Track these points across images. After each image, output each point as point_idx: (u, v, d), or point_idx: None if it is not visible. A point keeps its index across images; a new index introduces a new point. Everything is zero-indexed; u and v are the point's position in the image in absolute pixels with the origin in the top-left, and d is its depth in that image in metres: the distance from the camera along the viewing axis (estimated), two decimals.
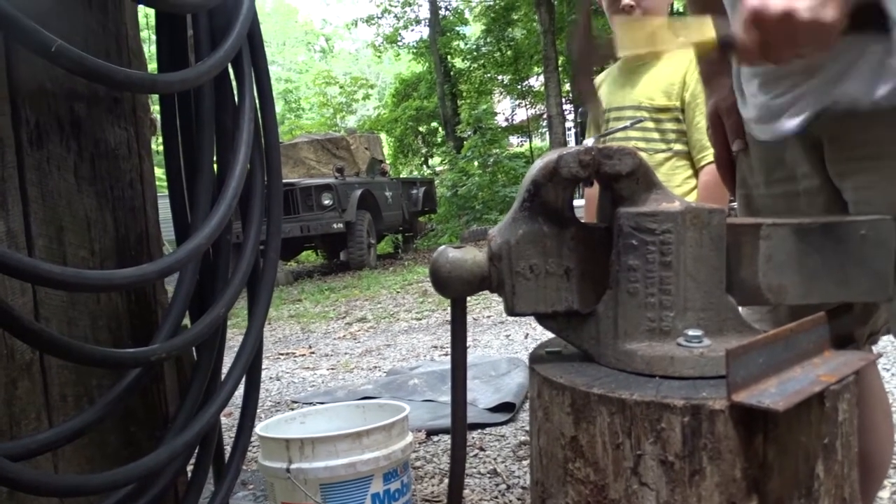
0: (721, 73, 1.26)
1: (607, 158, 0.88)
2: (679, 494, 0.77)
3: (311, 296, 8.73)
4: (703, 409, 0.75)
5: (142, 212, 1.33)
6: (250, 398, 1.35)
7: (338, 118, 28.66)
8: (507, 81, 22.15)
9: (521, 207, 0.92)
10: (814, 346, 0.86)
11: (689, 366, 0.84)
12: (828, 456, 0.79)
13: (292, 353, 5.35)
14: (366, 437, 1.67)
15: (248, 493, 2.58)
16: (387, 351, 5.03)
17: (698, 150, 2.14)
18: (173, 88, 1.14)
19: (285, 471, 1.66)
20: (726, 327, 0.90)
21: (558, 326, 0.94)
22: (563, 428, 0.86)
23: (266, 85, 1.27)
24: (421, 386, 3.67)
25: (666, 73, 2.18)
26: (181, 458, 1.23)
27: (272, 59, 42.60)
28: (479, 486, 2.39)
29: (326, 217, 10.40)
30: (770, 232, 0.87)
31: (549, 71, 14.68)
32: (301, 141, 13.03)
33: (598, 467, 0.82)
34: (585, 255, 0.92)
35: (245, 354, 1.26)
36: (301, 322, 6.84)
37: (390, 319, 6.38)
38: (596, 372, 0.89)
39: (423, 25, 22.45)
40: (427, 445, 2.90)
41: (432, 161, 24.50)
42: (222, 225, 1.11)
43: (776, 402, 0.71)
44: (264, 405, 3.90)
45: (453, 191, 13.21)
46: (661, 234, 0.87)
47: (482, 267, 0.92)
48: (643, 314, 0.89)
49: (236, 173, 1.14)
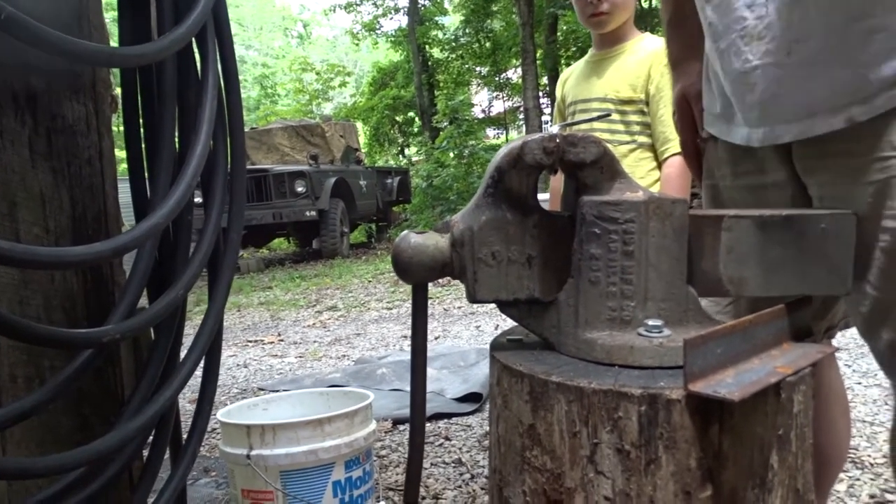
0: (690, 58, 1.26)
1: (571, 146, 0.88)
2: (634, 483, 0.77)
3: (281, 283, 8.67)
4: (659, 399, 0.75)
5: (100, 190, 1.29)
6: (209, 381, 1.33)
7: (314, 105, 28.45)
8: (484, 73, 22.14)
9: (484, 194, 0.91)
10: (772, 337, 0.86)
11: (648, 355, 0.84)
12: (782, 447, 0.79)
13: (261, 340, 5.31)
14: (328, 424, 1.66)
15: (211, 480, 2.55)
16: (356, 340, 5.01)
17: (661, 142, 2.16)
18: (132, 62, 1.10)
19: (245, 457, 1.65)
20: (687, 318, 0.90)
21: (519, 314, 0.94)
22: (522, 416, 0.85)
23: (231, 62, 1.24)
24: (389, 375, 3.66)
25: (631, 66, 2.20)
26: (135, 442, 1.20)
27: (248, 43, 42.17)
28: (444, 476, 2.38)
29: (299, 204, 10.33)
30: (732, 224, 0.87)
31: (527, 63, 14.69)
32: (275, 127, 12.91)
33: (555, 455, 0.82)
34: (548, 243, 0.91)
35: (204, 336, 1.24)
36: (271, 309, 6.79)
37: (361, 308, 6.36)
38: (556, 360, 0.89)
39: (401, 14, 22.35)
40: (393, 434, 2.89)
41: (408, 151, 24.44)
42: (182, 204, 1.09)
43: (732, 393, 0.70)
44: (230, 392, 3.86)
45: (428, 181, 13.17)
46: (623, 224, 0.87)
47: (444, 253, 0.91)
48: (604, 303, 0.88)
49: (197, 151, 1.11)
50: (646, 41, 2.25)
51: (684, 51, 1.31)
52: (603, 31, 2.24)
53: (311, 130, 12.36)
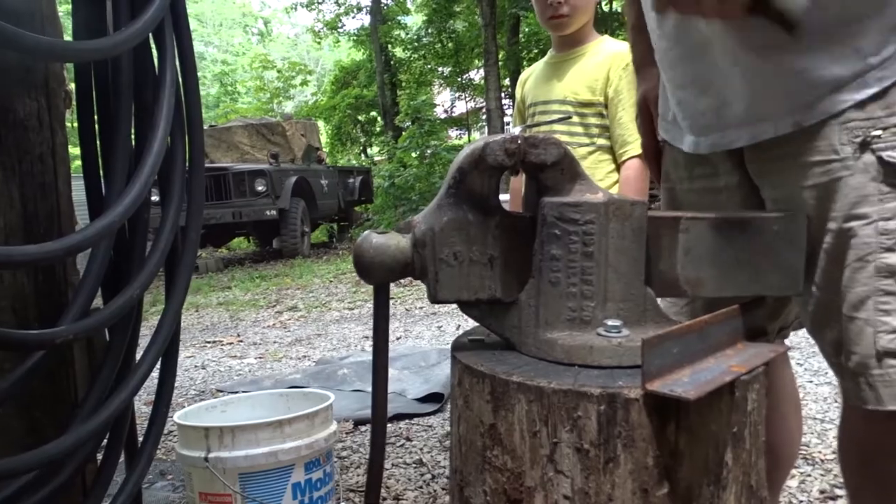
0: (653, 63, 1.28)
1: (533, 148, 0.88)
2: (593, 482, 0.78)
3: (241, 283, 8.56)
4: (618, 398, 0.76)
5: (53, 187, 1.26)
6: (166, 383, 1.30)
7: (274, 103, 28.13)
8: (447, 73, 22.13)
9: (446, 194, 0.91)
10: (727, 337, 0.88)
11: (607, 355, 0.85)
12: (736, 444, 0.81)
13: (220, 341, 5.23)
14: (288, 425, 1.64)
15: (168, 484, 2.51)
16: (317, 340, 4.97)
17: (620, 145, 2.19)
18: (86, 57, 1.08)
19: (203, 460, 1.62)
20: (645, 318, 0.91)
21: (481, 314, 0.94)
22: (483, 416, 0.86)
23: (189, 58, 1.22)
24: (350, 376, 3.64)
25: (590, 69, 2.22)
26: (89, 446, 1.17)
27: (208, 40, 41.52)
28: (405, 476, 2.38)
29: (259, 203, 10.21)
30: (689, 225, 0.89)
31: (490, 65, 14.74)
32: (235, 125, 12.74)
33: (516, 455, 0.82)
34: (510, 243, 0.92)
35: (161, 337, 1.21)
36: (230, 310, 6.70)
37: (322, 309, 6.31)
38: (517, 360, 0.89)
39: (364, 13, 22.23)
40: (354, 435, 2.88)
41: (370, 150, 24.34)
42: (138, 202, 1.07)
43: (688, 391, 0.72)
44: (188, 394, 3.80)
45: (390, 181, 13.13)
46: (583, 225, 0.88)
47: (406, 253, 0.91)
48: (564, 304, 0.89)
49: (154, 149, 1.09)
50: (605, 44, 2.27)
51: (647, 55, 1.33)
52: (562, 34, 2.26)
53: (272, 129, 12.23)
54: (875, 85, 0.96)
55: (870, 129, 0.97)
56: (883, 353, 0.97)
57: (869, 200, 0.97)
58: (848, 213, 0.98)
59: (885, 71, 0.96)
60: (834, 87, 0.98)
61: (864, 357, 0.99)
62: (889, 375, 0.97)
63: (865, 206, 0.97)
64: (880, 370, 0.97)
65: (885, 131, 0.96)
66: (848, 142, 0.98)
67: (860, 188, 0.97)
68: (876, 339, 0.97)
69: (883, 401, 0.98)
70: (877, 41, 0.96)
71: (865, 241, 0.97)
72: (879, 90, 0.96)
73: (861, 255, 0.98)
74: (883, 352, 0.97)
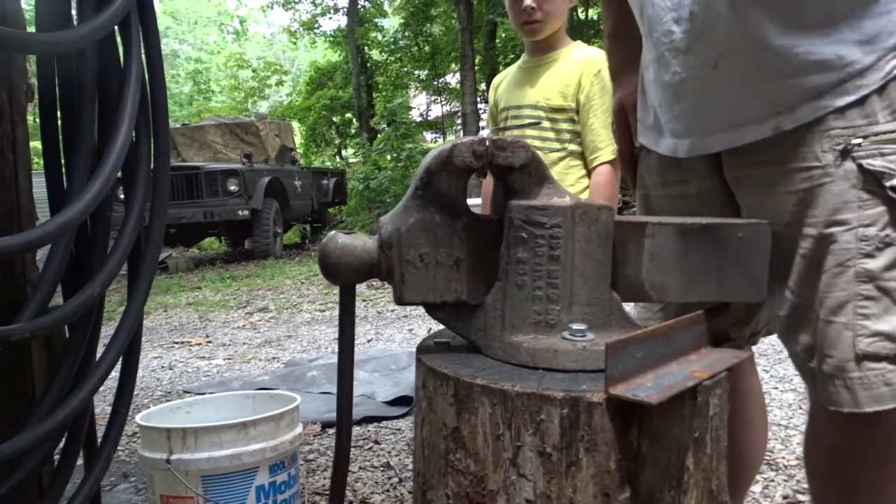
0: (630, 70, 1.29)
1: (501, 150, 0.88)
2: (555, 485, 0.78)
3: (211, 283, 8.46)
4: (581, 402, 0.76)
5: (13, 181, 1.23)
6: (126, 383, 1.28)
7: (249, 103, 27.93)
8: (423, 77, 22.17)
9: (413, 196, 0.90)
10: (691, 343, 0.88)
11: (571, 359, 0.85)
12: (698, 449, 0.81)
13: (188, 341, 5.17)
14: (252, 427, 1.62)
15: (130, 486, 2.47)
16: (287, 342, 4.93)
17: (591, 150, 2.20)
18: (48, 50, 1.05)
19: (165, 461, 1.60)
20: (611, 322, 0.91)
21: (447, 317, 0.93)
22: (446, 419, 0.85)
23: (156, 53, 1.20)
24: (319, 378, 3.61)
25: (563, 75, 2.24)
26: (46, 446, 1.14)
27: (182, 37, 41.08)
28: (372, 480, 2.37)
29: (231, 203, 10.12)
30: (655, 230, 0.89)
31: (466, 69, 14.79)
32: (208, 124, 12.61)
33: (479, 458, 0.82)
34: (476, 246, 0.92)
35: (122, 336, 1.19)
36: (199, 310, 6.62)
37: (293, 310, 6.26)
38: (481, 363, 0.89)
39: (341, 14, 22.17)
40: (322, 438, 2.85)
41: (345, 152, 24.25)
42: (100, 198, 1.04)
43: (650, 396, 0.72)
44: (154, 395, 3.75)
45: (365, 183, 13.10)
46: (550, 228, 0.87)
47: (372, 254, 0.90)
48: (530, 307, 0.89)
49: (118, 144, 1.07)
50: (577, 50, 2.29)
51: (624, 63, 1.34)
52: (535, 39, 2.27)
53: (246, 128, 12.13)
54: (854, 93, 0.98)
55: (850, 138, 0.98)
56: (862, 356, 0.99)
57: (849, 207, 0.99)
58: (828, 219, 1.00)
59: (864, 79, 0.98)
60: (815, 93, 1.00)
61: (842, 360, 1.00)
62: (868, 378, 0.99)
63: (846, 213, 0.99)
64: (860, 372, 0.99)
65: (865, 140, 0.98)
66: (829, 150, 1.00)
67: (841, 195, 0.99)
68: (855, 343, 0.99)
69: (861, 403, 0.99)
70: (856, 50, 0.97)
71: (845, 247, 0.99)
72: (859, 98, 0.98)
73: (841, 260, 0.99)
74: (862, 355, 0.99)
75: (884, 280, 0.98)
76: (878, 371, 0.98)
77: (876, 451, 1.04)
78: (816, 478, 1.14)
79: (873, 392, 0.98)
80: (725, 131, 1.08)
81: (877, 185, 0.97)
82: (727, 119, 1.07)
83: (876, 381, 0.98)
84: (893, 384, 0.98)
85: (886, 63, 0.96)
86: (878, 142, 0.97)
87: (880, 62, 0.96)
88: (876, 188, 0.97)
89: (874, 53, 0.96)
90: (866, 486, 1.05)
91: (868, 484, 1.05)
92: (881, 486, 1.04)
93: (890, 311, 0.98)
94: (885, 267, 0.97)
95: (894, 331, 0.97)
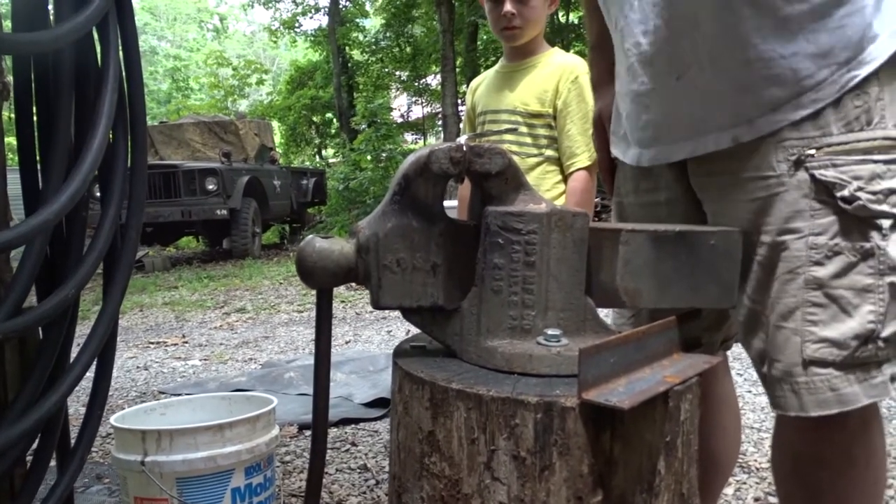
0: (610, 81, 1.30)
1: (478, 157, 0.89)
2: (529, 489, 0.79)
3: (188, 283, 8.39)
4: (555, 406, 0.77)
5: None
6: (100, 385, 1.27)
7: (229, 101, 27.73)
8: (404, 78, 22.15)
9: (391, 201, 0.91)
10: (663, 348, 0.90)
11: (546, 364, 0.86)
12: (669, 453, 0.83)
13: (164, 342, 5.12)
14: (228, 429, 1.61)
15: (104, 488, 2.44)
16: (265, 343, 4.90)
17: (567, 156, 2.22)
18: (23, 50, 1.04)
19: (139, 463, 1.58)
20: (585, 328, 0.92)
21: (423, 321, 0.94)
22: (422, 422, 0.86)
23: (134, 51, 1.19)
24: (297, 379, 3.60)
25: (540, 80, 2.25)
26: (18, 448, 1.13)
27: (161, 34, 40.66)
28: (348, 482, 2.36)
29: (210, 202, 10.04)
30: (629, 237, 0.91)
31: (447, 70, 14.80)
32: (187, 122, 12.51)
33: (454, 462, 0.83)
34: (453, 251, 0.92)
35: (97, 338, 1.18)
36: (176, 310, 6.56)
37: (271, 311, 6.23)
38: (457, 368, 0.90)
39: (322, 13, 22.09)
40: (298, 440, 2.84)
41: (325, 152, 24.16)
42: (76, 198, 1.04)
43: (623, 401, 0.73)
44: (129, 395, 3.71)
45: (345, 184, 13.05)
46: (526, 234, 0.89)
47: (349, 258, 0.91)
48: (506, 312, 0.90)
49: (95, 144, 1.06)
50: (555, 56, 2.31)
51: (605, 74, 1.36)
52: (514, 44, 2.29)
53: (225, 127, 12.04)
54: (810, 106, 1.00)
55: (804, 149, 1.01)
56: (809, 362, 1.01)
57: (801, 216, 1.01)
58: (781, 227, 1.02)
59: (819, 93, 1.00)
60: (772, 106, 1.02)
61: (790, 365, 1.02)
62: (814, 383, 1.01)
63: (798, 221, 1.01)
64: (806, 377, 1.01)
65: (818, 151, 1.00)
66: (784, 160, 1.02)
67: (793, 204, 1.01)
68: (803, 348, 1.01)
69: (806, 407, 1.02)
70: (811, 64, 1.00)
71: (796, 255, 1.01)
72: (813, 111, 1.00)
73: (791, 267, 1.02)
74: (809, 360, 1.01)
75: (832, 287, 1.00)
76: (823, 376, 1.01)
77: (838, 457, 1.06)
78: (782, 481, 1.17)
79: (819, 397, 1.01)
80: (687, 140, 1.10)
81: (828, 196, 1.00)
82: (689, 129, 1.10)
83: (822, 386, 1.01)
84: (839, 390, 1.00)
85: (841, 77, 0.99)
86: (830, 153, 1.00)
87: (834, 76, 0.99)
88: (827, 198, 1.00)
89: (828, 68, 0.99)
90: (830, 490, 1.07)
91: (831, 489, 1.07)
92: (844, 492, 1.07)
93: (837, 318, 1.00)
94: (834, 275, 1.00)
95: (841, 337, 1.00)
